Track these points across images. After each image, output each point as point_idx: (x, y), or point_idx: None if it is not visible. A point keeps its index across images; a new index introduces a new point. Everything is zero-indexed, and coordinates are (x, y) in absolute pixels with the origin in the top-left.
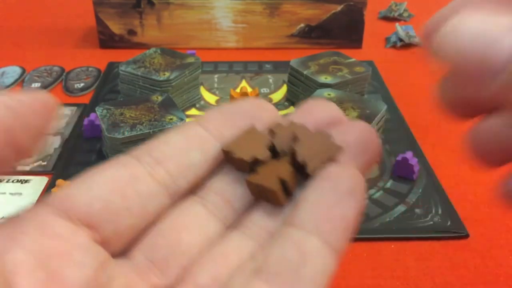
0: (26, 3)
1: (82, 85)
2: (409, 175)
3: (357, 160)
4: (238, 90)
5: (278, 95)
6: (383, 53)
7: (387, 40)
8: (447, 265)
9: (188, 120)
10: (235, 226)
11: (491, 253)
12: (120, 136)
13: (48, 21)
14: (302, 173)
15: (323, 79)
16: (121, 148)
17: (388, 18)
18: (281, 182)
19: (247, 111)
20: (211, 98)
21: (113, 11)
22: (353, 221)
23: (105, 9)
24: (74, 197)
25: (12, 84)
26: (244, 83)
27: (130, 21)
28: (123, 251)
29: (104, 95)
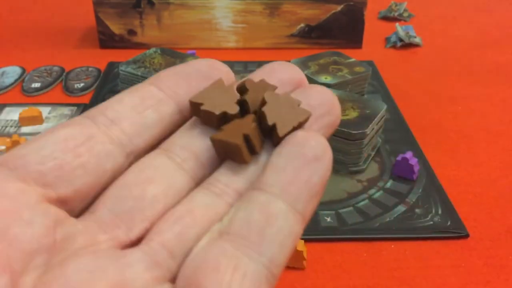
0: (26, 3)
1: (82, 85)
2: (409, 175)
3: (320, 123)
4: None
5: None
6: (383, 53)
7: (387, 40)
8: (447, 265)
9: None
10: (202, 183)
11: (491, 253)
12: None
13: (48, 21)
14: (269, 136)
15: (323, 79)
16: None
17: (388, 18)
18: (245, 138)
19: (201, 71)
20: None
21: (113, 11)
22: (319, 186)
23: (105, 9)
24: (25, 156)
25: (12, 84)
26: None
27: (130, 21)
28: (87, 208)
29: (104, 95)
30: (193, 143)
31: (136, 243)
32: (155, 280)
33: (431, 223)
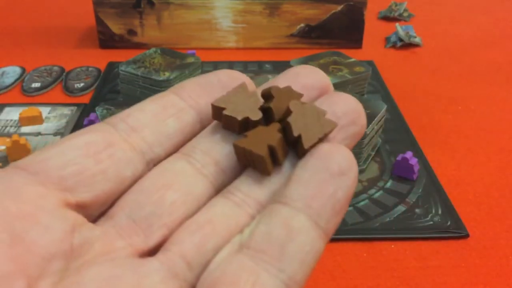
0: (26, 3)
1: (82, 85)
2: (409, 175)
3: (345, 133)
4: None
5: None
6: (383, 53)
7: (387, 40)
8: (447, 265)
9: None
10: (222, 191)
11: (491, 253)
12: None
13: (48, 21)
14: (293, 147)
15: None
16: None
17: (388, 18)
18: (270, 149)
19: (222, 81)
20: None
21: (113, 11)
22: (343, 202)
23: (105, 9)
24: (46, 161)
25: (12, 84)
26: None
27: (130, 21)
28: (105, 212)
29: (104, 95)
30: (214, 149)
31: (154, 250)
32: None
33: (431, 223)
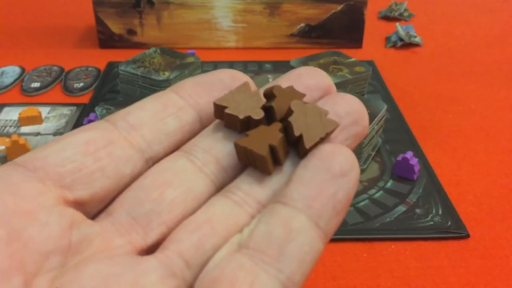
0: (25, 3)
1: (81, 85)
2: (409, 175)
3: (347, 133)
4: None
5: None
6: (383, 53)
7: (388, 39)
8: (447, 265)
9: None
10: (223, 190)
11: (491, 253)
12: None
13: (47, 21)
14: (294, 147)
15: None
16: None
17: (388, 17)
18: (271, 149)
19: (223, 81)
20: None
21: (113, 11)
22: (344, 203)
23: (105, 8)
24: (45, 158)
25: (11, 83)
26: None
27: (129, 21)
28: (105, 209)
29: (103, 95)
30: (215, 147)
31: (152, 248)
32: None
33: (432, 223)
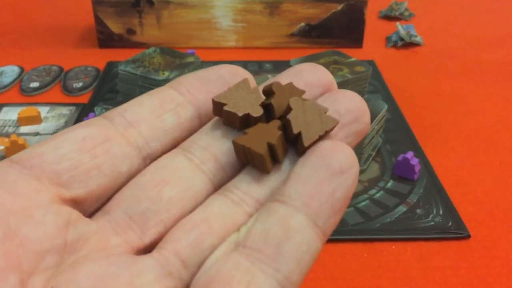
0: (25, 2)
1: (80, 84)
2: (410, 175)
3: (347, 130)
4: None
5: None
6: (383, 53)
7: (388, 39)
8: (448, 265)
9: None
10: (221, 189)
11: (492, 253)
12: None
13: (47, 20)
14: (293, 144)
15: None
16: None
17: (388, 17)
18: (269, 147)
19: (223, 76)
20: None
21: (112, 10)
22: (343, 201)
23: (104, 8)
24: (41, 155)
25: (10, 83)
26: None
27: (129, 20)
28: (102, 207)
29: (103, 95)
30: (214, 145)
31: (149, 247)
32: None
33: (432, 223)
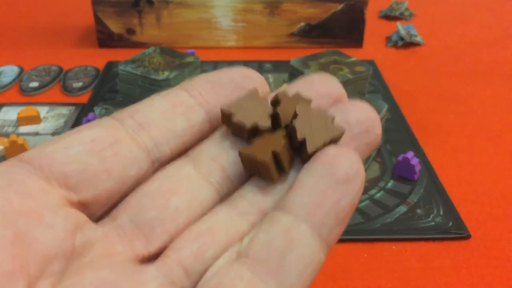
0: (24, 2)
1: (80, 84)
2: (410, 175)
3: (357, 142)
4: None
5: None
6: (384, 52)
7: (388, 39)
8: (448, 266)
9: None
10: (227, 199)
11: (493, 254)
12: None
13: (46, 20)
14: (298, 152)
15: None
16: None
17: (389, 17)
18: (274, 156)
19: (235, 80)
20: None
21: (112, 10)
22: (347, 211)
23: (104, 8)
24: (50, 155)
25: (10, 83)
26: None
27: (129, 20)
28: (107, 213)
29: (102, 95)
30: (221, 155)
31: (154, 256)
32: None
33: (433, 223)
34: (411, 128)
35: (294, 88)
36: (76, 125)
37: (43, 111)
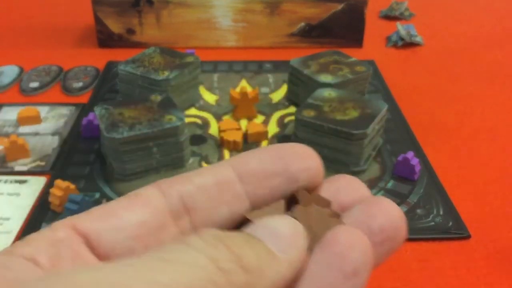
0: (24, 2)
1: (80, 84)
2: (410, 175)
3: (381, 248)
4: (238, 89)
5: (278, 95)
6: (384, 52)
7: (388, 39)
8: (448, 266)
9: (187, 120)
10: None
11: (492, 254)
12: (119, 136)
13: (46, 20)
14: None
15: (324, 78)
16: (119, 148)
17: (389, 17)
18: None
19: (289, 170)
20: (210, 97)
21: (112, 10)
22: None
23: (104, 8)
24: (99, 234)
25: (10, 83)
26: (244, 83)
27: (129, 20)
28: None
29: (102, 95)
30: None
31: None
32: None
33: (433, 223)
34: (411, 128)
35: (322, 189)
36: (76, 125)
37: (43, 111)
